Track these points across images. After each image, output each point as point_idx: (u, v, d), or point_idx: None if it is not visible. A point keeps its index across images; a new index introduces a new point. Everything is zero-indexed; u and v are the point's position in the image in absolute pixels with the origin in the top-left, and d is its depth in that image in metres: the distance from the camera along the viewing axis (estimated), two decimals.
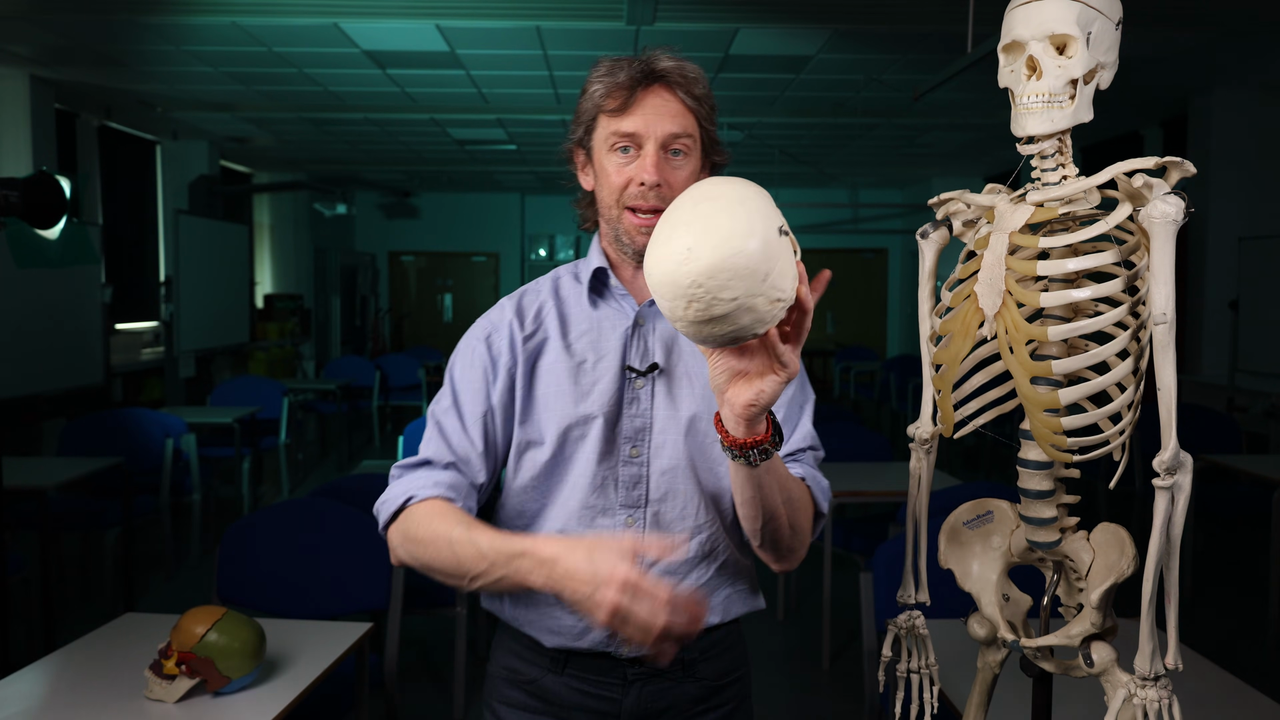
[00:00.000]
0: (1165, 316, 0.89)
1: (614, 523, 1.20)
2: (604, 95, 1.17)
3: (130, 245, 7.79)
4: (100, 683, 1.67)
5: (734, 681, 1.31)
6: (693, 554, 1.22)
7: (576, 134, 1.24)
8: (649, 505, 1.20)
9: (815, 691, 3.38)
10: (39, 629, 3.65)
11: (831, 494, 1.34)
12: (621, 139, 1.17)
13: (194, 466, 4.65)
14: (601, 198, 1.22)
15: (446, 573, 1.11)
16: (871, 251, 12.49)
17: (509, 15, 4.85)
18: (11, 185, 2.55)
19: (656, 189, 1.16)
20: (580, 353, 1.23)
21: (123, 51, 5.57)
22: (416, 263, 12.99)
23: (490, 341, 1.24)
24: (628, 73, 1.17)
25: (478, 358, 1.24)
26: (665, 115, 1.17)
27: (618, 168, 1.18)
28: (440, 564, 1.11)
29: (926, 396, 1.15)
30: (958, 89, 5.96)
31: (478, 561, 1.06)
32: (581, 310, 1.25)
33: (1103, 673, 1.02)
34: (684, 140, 1.18)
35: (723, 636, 1.29)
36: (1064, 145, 1.01)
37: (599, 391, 1.20)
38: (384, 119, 7.49)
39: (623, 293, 1.25)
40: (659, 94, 1.17)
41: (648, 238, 1.14)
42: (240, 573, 2.42)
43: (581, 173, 1.27)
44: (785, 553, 1.22)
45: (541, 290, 1.29)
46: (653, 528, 1.20)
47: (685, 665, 1.24)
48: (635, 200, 1.17)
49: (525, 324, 1.24)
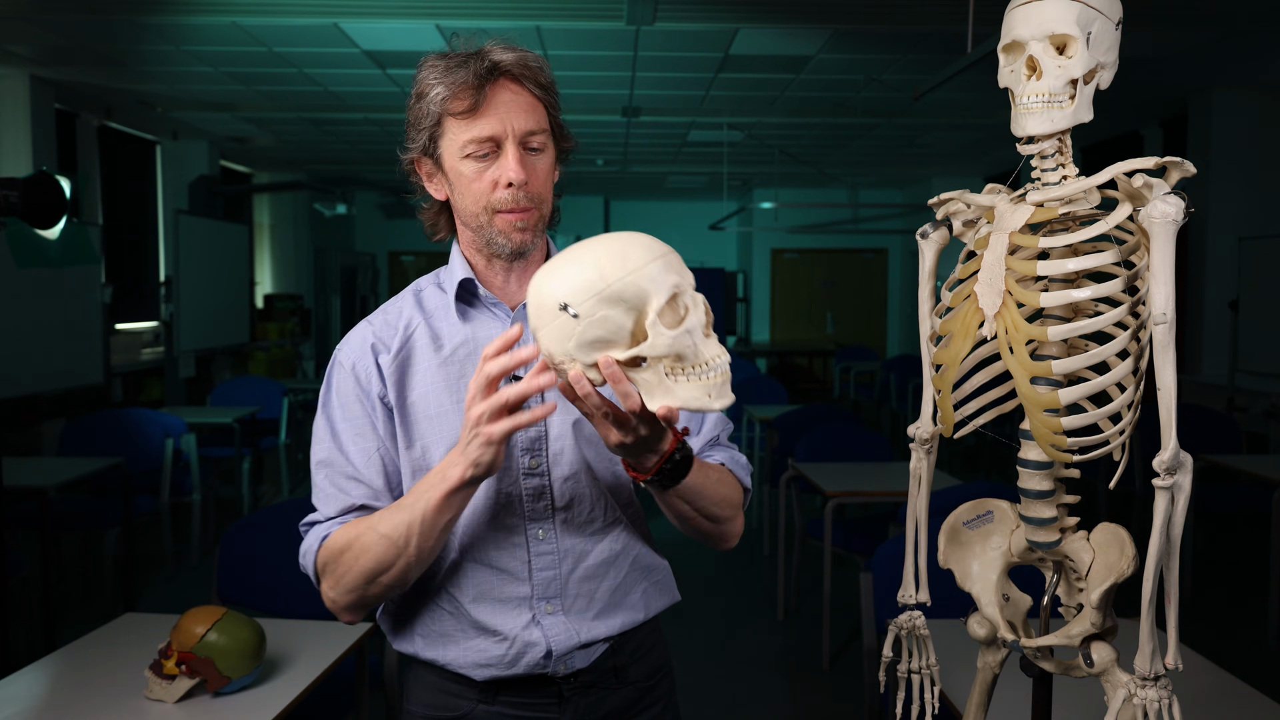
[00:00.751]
0: (1165, 316, 0.89)
1: (525, 539, 1.16)
2: (448, 97, 1.08)
3: (130, 245, 7.79)
4: (100, 683, 1.67)
5: (661, 679, 1.30)
6: (606, 554, 1.20)
7: (418, 142, 1.13)
8: (556, 514, 1.17)
9: (815, 691, 3.38)
10: (39, 629, 3.65)
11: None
12: (477, 144, 1.09)
13: (194, 466, 4.65)
14: (464, 206, 1.13)
15: (380, 562, 1.07)
16: (871, 251, 12.49)
17: (509, 15, 4.85)
18: (11, 185, 2.55)
19: (525, 186, 1.10)
20: (457, 366, 1.16)
21: (123, 51, 5.57)
22: (416, 263, 12.99)
23: (356, 371, 1.17)
24: (470, 69, 1.08)
25: (349, 390, 1.17)
26: (518, 111, 1.10)
27: (477, 173, 1.10)
28: (370, 558, 1.07)
29: (926, 396, 1.15)
30: (958, 89, 5.96)
31: (400, 517, 1.06)
32: (450, 323, 1.18)
33: (1103, 673, 1.02)
34: (539, 136, 1.12)
35: (646, 635, 1.27)
36: (1064, 145, 1.01)
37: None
38: (384, 119, 7.49)
39: (493, 300, 1.19)
40: (507, 88, 1.10)
41: (524, 233, 1.13)
42: (240, 573, 2.42)
43: (429, 183, 1.17)
44: (721, 538, 1.25)
45: (403, 306, 1.21)
46: (565, 535, 1.17)
47: (616, 671, 1.23)
48: (504, 203, 1.11)
49: (390, 345, 1.17)
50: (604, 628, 1.20)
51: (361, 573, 1.09)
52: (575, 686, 1.20)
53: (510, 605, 1.16)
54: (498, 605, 1.16)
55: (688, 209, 12.87)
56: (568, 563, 1.18)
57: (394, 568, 1.07)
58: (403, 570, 1.08)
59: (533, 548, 1.16)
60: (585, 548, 1.19)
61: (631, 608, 1.23)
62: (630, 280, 0.90)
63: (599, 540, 1.19)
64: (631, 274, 0.91)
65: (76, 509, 4.06)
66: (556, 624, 1.17)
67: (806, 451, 3.99)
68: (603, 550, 1.20)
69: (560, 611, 1.17)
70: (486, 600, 1.16)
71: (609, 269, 0.91)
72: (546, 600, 1.17)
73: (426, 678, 1.23)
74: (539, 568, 1.17)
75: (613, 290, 0.90)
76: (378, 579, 1.09)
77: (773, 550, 4.77)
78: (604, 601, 1.20)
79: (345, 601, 1.12)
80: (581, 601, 1.19)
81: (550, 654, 1.16)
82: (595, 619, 1.19)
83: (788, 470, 3.96)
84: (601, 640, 1.20)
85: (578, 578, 1.18)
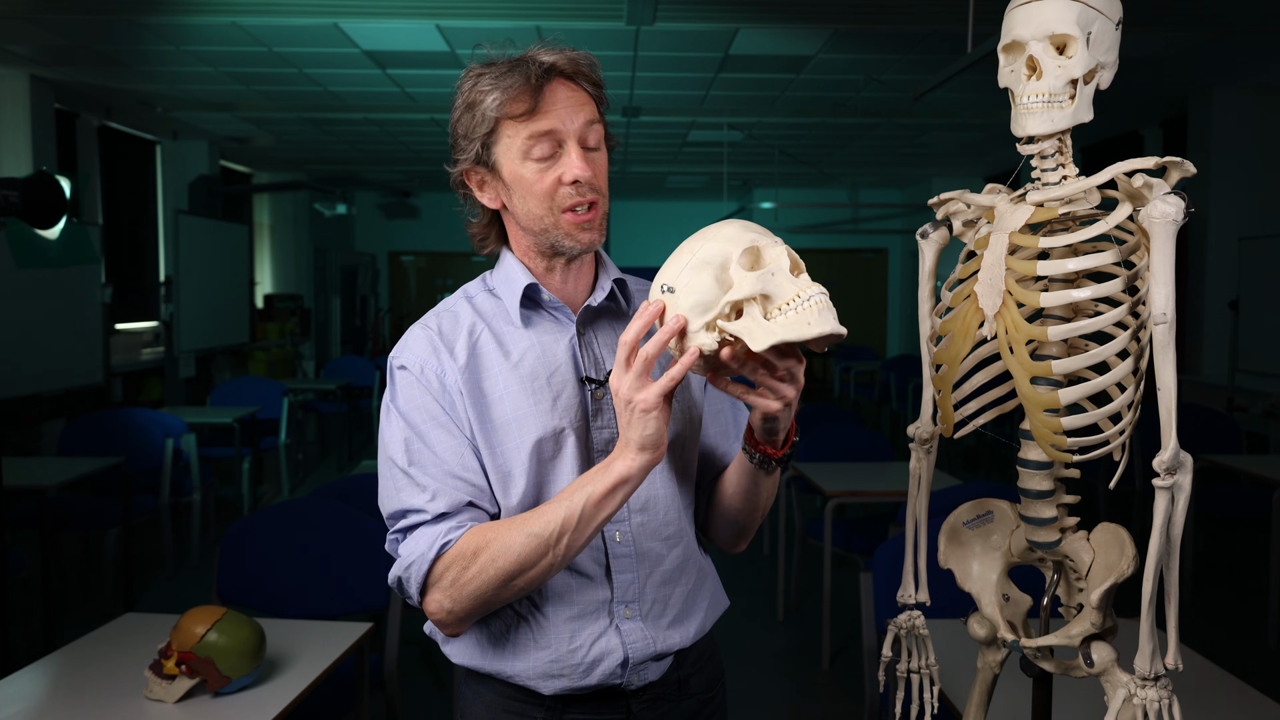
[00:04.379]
0: (1165, 316, 0.89)
1: (603, 541, 1.15)
2: (505, 101, 1.07)
3: (130, 245, 7.79)
4: (100, 683, 1.67)
5: (719, 690, 1.30)
6: (679, 560, 1.20)
7: (469, 152, 1.12)
8: (632, 517, 1.16)
9: (815, 691, 3.38)
10: (39, 629, 3.65)
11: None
12: (539, 140, 1.08)
13: (194, 466, 4.65)
14: (527, 209, 1.12)
15: (523, 561, 1.02)
16: (871, 251, 12.49)
17: (509, 15, 4.85)
18: (11, 185, 2.55)
19: (590, 182, 1.10)
20: (528, 370, 1.13)
21: (123, 51, 5.57)
22: (416, 263, 13.00)
23: (427, 374, 1.12)
24: (523, 73, 1.08)
25: (422, 394, 1.12)
26: (576, 107, 1.10)
27: (539, 173, 1.09)
28: (510, 558, 1.02)
29: (926, 396, 1.15)
30: (958, 89, 5.96)
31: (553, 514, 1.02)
32: (512, 328, 1.16)
33: (1103, 673, 1.02)
34: (597, 129, 1.12)
35: (706, 646, 1.27)
36: (1064, 145, 1.01)
37: (563, 405, 1.13)
38: (384, 119, 7.49)
39: (557, 304, 1.17)
40: (564, 87, 1.10)
41: (589, 233, 1.12)
42: (240, 573, 2.42)
43: (480, 192, 1.15)
44: (746, 536, 1.29)
45: (460, 313, 1.17)
46: (641, 539, 1.16)
47: (680, 684, 1.22)
48: (571, 200, 1.10)
49: (454, 347, 1.13)
50: (678, 637, 1.19)
51: (499, 574, 1.03)
52: (644, 701, 1.18)
53: (589, 610, 1.14)
54: (577, 609, 1.14)
55: (688, 209, 12.87)
56: (645, 567, 1.16)
57: (536, 567, 1.03)
58: (544, 570, 1.04)
59: (610, 550, 1.15)
60: (661, 552, 1.18)
61: (699, 616, 1.22)
62: (709, 246, 0.98)
63: (673, 546, 1.19)
64: (709, 241, 0.99)
65: (76, 509, 4.06)
66: (634, 630, 1.15)
67: (807, 451, 3.99)
68: (676, 556, 1.19)
69: (638, 617, 1.16)
70: (565, 604, 1.14)
71: (694, 245, 0.99)
72: (625, 604, 1.15)
73: (487, 696, 1.18)
74: (618, 570, 1.15)
75: (696, 259, 0.98)
76: (513, 582, 1.04)
77: (773, 550, 4.77)
78: (677, 609, 1.19)
79: (465, 610, 1.06)
80: (658, 607, 1.18)
81: (627, 662, 1.14)
82: (670, 627, 1.18)
83: (788, 470, 3.95)
84: (674, 651, 1.19)
85: (654, 583, 1.17)
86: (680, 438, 1.21)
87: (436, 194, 12.57)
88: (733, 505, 1.22)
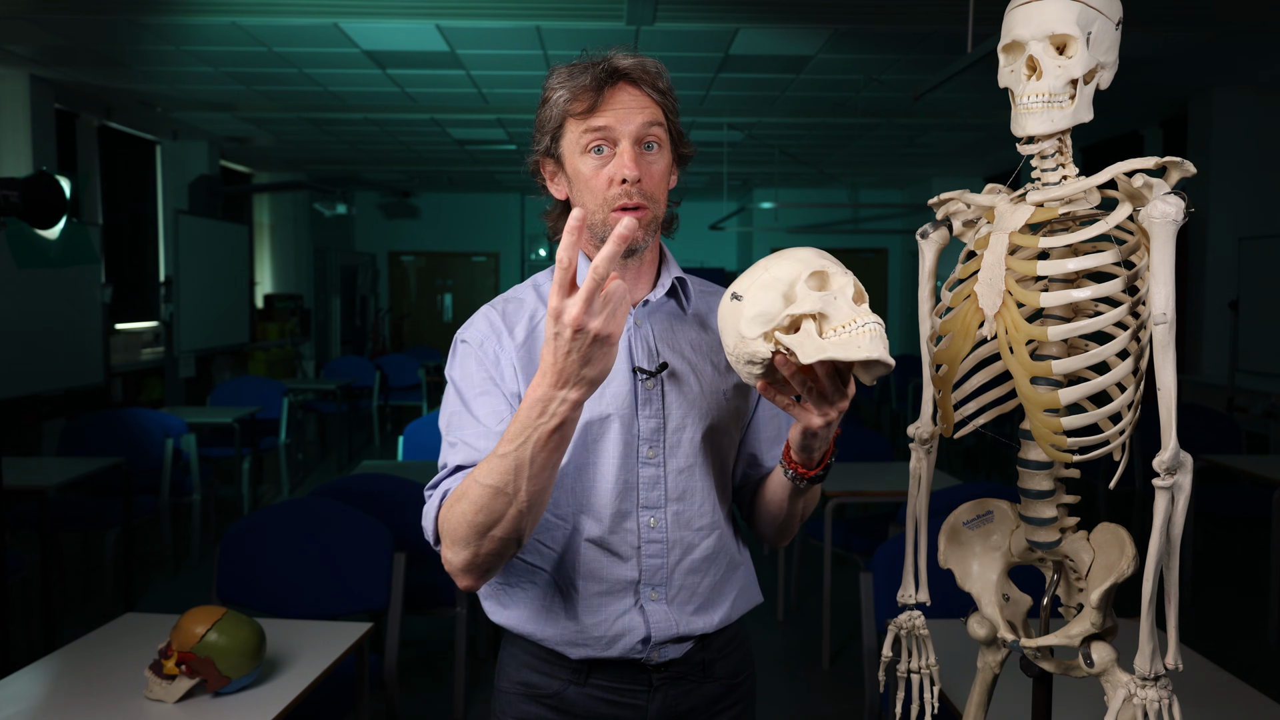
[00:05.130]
0: (1165, 316, 0.89)
1: (637, 524, 1.19)
2: (570, 99, 1.15)
3: (130, 245, 7.79)
4: (100, 683, 1.67)
5: (745, 679, 1.33)
6: (710, 550, 1.23)
7: (543, 144, 1.20)
8: (669, 505, 1.20)
9: (815, 691, 3.38)
10: (39, 629, 3.65)
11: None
12: (595, 136, 1.14)
13: (194, 466, 4.65)
14: (583, 203, 1.17)
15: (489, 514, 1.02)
16: (871, 251, 12.49)
17: (509, 15, 4.85)
18: (11, 185, 2.55)
19: (638, 184, 1.14)
20: None
21: (123, 51, 5.57)
22: (416, 263, 12.99)
23: (484, 349, 1.19)
24: (591, 74, 1.14)
25: (476, 365, 1.19)
26: (634, 109, 1.15)
27: (594, 169, 1.15)
28: (476, 510, 1.02)
29: (926, 396, 1.15)
30: (958, 89, 5.96)
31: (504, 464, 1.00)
32: None
33: (1103, 673, 1.02)
34: (655, 130, 1.16)
35: (734, 634, 1.31)
36: (1064, 145, 1.01)
37: (612, 393, 1.18)
38: (384, 119, 7.49)
39: None
40: (626, 90, 1.16)
41: (637, 232, 1.16)
42: (240, 573, 2.42)
43: (552, 183, 1.23)
44: (787, 535, 1.32)
45: (525, 299, 1.24)
46: (675, 526, 1.21)
47: (704, 666, 1.26)
48: (620, 199, 1.14)
49: (514, 330, 1.20)
50: (701, 623, 1.23)
51: (470, 526, 1.03)
52: (665, 677, 1.23)
53: (617, 588, 1.19)
54: (605, 585, 1.19)
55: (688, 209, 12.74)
56: (675, 553, 1.21)
57: (505, 518, 1.02)
58: (515, 520, 1.02)
59: (644, 534, 1.19)
60: (693, 540, 1.22)
61: (725, 606, 1.26)
62: (782, 264, 1.02)
63: (705, 536, 1.23)
64: (784, 259, 1.02)
65: (76, 509, 4.06)
66: (658, 611, 1.20)
67: None
68: (708, 546, 1.23)
69: (664, 600, 1.20)
70: (595, 579, 1.19)
71: (769, 261, 1.03)
72: (652, 587, 1.20)
73: (520, 656, 1.25)
74: (648, 554, 1.19)
75: (769, 274, 1.01)
76: (489, 533, 1.03)
77: (773, 550, 4.77)
78: (704, 597, 1.24)
79: (460, 561, 1.06)
80: (685, 594, 1.22)
81: (649, 639, 1.19)
82: (694, 614, 1.22)
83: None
84: (696, 636, 1.23)
85: (683, 569, 1.21)
86: (724, 433, 1.25)
87: (436, 194, 12.57)
88: (772, 509, 1.26)
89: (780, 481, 1.22)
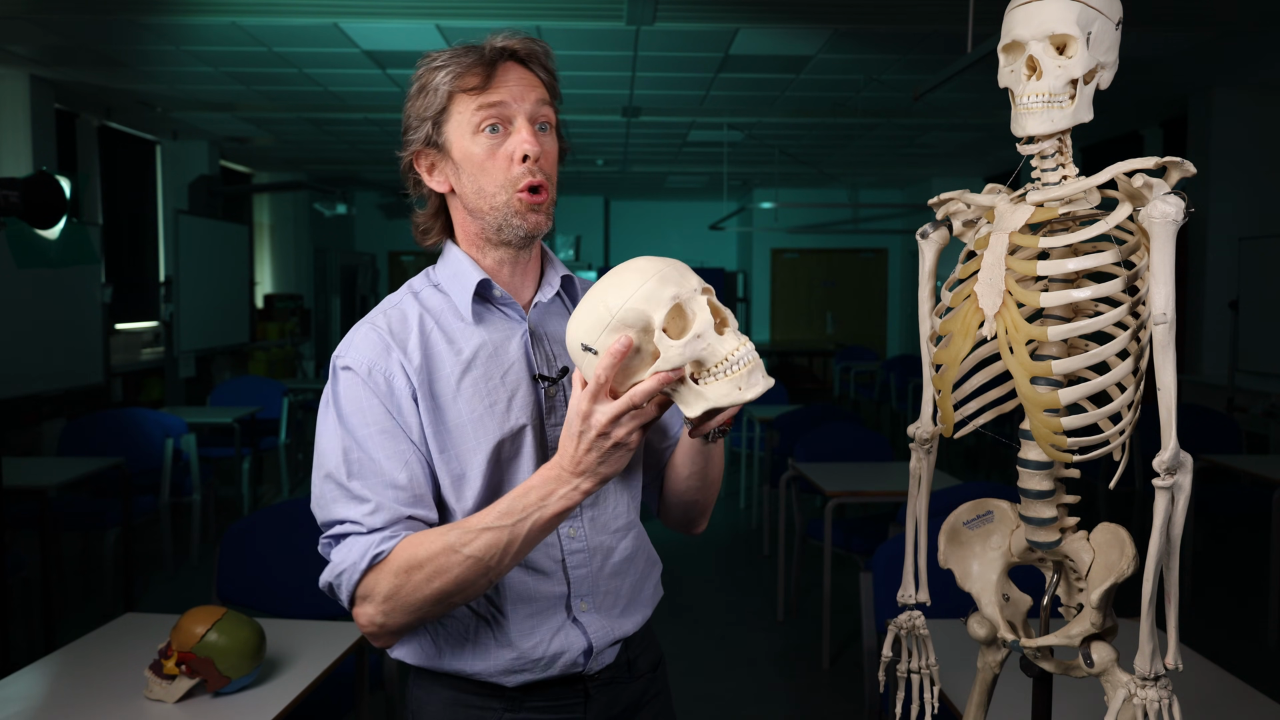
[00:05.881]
0: (1165, 316, 0.89)
1: (557, 537, 1.16)
2: (457, 76, 1.08)
3: (130, 245, 7.79)
4: (100, 683, 1.67)
5: (662, 670, 1.33)
6: (628, 551, 1.22)
7: (422, 132, 1.11)
8: (584, 512, 1.18)
9: (815, 691, 3.38)
10: (39, 629, 3.65)
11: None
12: (489, 114, 1.08)
13: (194, 466, 4.65)
14: (478, 187, 1.10)
15: (461, 583, 1.01)
16: (871, 251, 12.49)
17: (509, 15, 4.85)
18: (11, 185, 2.55)
19: (539, 161, 1.10)
20: (481, 370, 1.12)
21: (123, 51, 5.57)
22: (416, 263, 12.98)
23: (374, 376, 1.08)
24: (477, 53, 1.09)
25: (366, 396, 1.08)
26: (528, 88, 1.10)
27: (489, 150, 1.08)
28: (448, 579, 1.00)
29: (926, 396, 1.15)
30: (958, 89, 5.96)
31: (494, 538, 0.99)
32: (461, 325, 1.14)
33: (1103, 673, 1.02)
34: (547, 111, 1.12)
35: (646, 630, 1.30)
36: (1064, 145, 1.01)
37: (518, 404, 1.13)
38: (384, 119, 7.49)
39: (508, 300, 1.16)
40: (516, 69, 1.11)
41: (538, 214, 1.11)
42: (240, 573, 2.42)
43: (430, 176, 1.14)
44: (704, 515, 1.31)
45: (406, 308, 1.15)
46: (593, 533, 1.18)
47: (629, 665, 1.25)
48: (525, 178, 1.09)
49: (405, 345, 1.10)
50: (629, 624, 1.22)
51: (435, 594, 1.01)
52: (598, 683, 1.21)
53: (547, 606, 1.16)
54: (535, 607, 1.15)
55: (688, 209, 12.86)
56: (597, 559, 1.18)
57: (475, 586, 1.02)
58: (483, 588, 1.03)
59: (565, 546, 1.16)
60: (611, 544, 1.20)
61: (646, 603, 1.26)
62: (629, 306, 0.94)
63: (622, 537, 1.21)
64: (629, 299, 0.94)
65: (76, 509, 4.06)
66: (593, 621, 1.18)
67: (806, 451, 3.99)
68: (625, 548, 1.21)
69: (594, 609, 1.19)
70: (524, 603, 1.14)
71: (612, 300, 0.95)
72: (581, 598, 1.18)
73: (443, 693, 1.17)
74: (573, 565, 1.17)
75: (616, 320, 0.94)
76: (451, 599, 1.03)
77: (773, 550, 4.77)
78: (628, 598, 1.23)
79: (397, 624, 1.04)
80: (610, 598, 1.20)
81: (590, 650, 1.17)
82: (621, 615, 1.22)
83: (788, 470, 3.96)
84: (626, 637, 1.23)
85: (606, 574, 1.19)
86: None
87: None
88: (686, 486, 1.24)
89: (690, 451, 1.20)
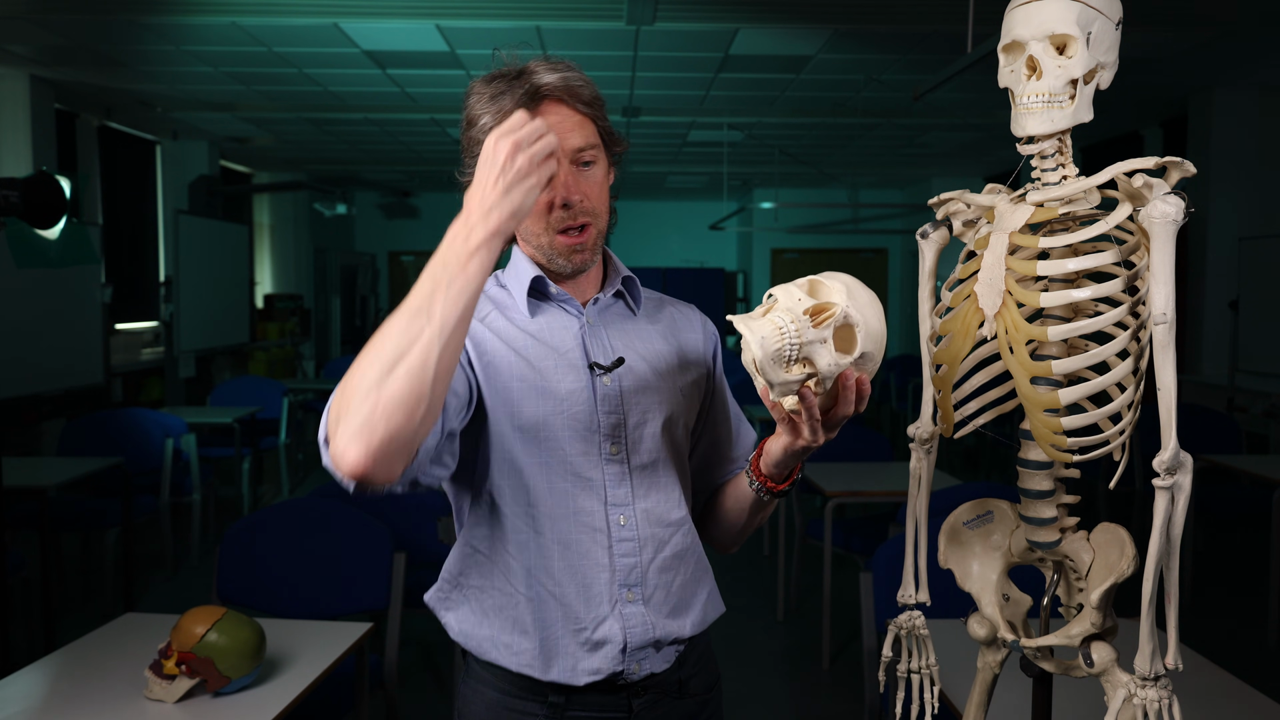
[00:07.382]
0: (1165, 316, 0.89)
1: (605, 523, 1.17)
2: (495, 125, 1.10)
3: (130, 245, 7.78)
4: (100, 683, 1.67)
5: (716, 692, 1.32)
6: (679, 547, 1.22)
7: (473, 167, 1.11)
8: (636, 502, 1.19)
9: (815, 691, 3.38)
10: (39, 629, 3.65)
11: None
12: None
13: (194, 466, 4.65)
14: (525, 228, 1.17)
15: (400, 341, 0.90)
16: (871, 251, 12.48)
17: (509, 15, 4.85)
18: (11, 185, 2.55)
19: (580, 204, 1.14)
20: (536, 352, 1.17)
21: (123, 51, 5.57)
22: (416, 263, 12.98)
23: None
24: (513, 97, 1.11)
25: None
26: (565, 131, 1.12)
27: None
28: (389, 341, 0.90)
29: (926, 396, 1.15)
30: (958, 89, 5.96)
31: (423, 286, 0.93)
32: (521, 315, 1.20)
33: (1103, 673, 1.02)
34: (589, 151, 1.14)
35: (704, 647, 1.29)
36: (1064, 145, 1.01)
37: (567, 389, 1.16)
38: (384, 119, 7.48)
39: (565, 297, 1.21)
40: (553, 110, 1.12)
41: (584, 254, 1.16)
42: (240, 573, 2.42)
43: None
44: (739, 542, 1.34)
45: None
46: (644, 524, 1.19)
47: (680, 684, 1.24)
48: (564, 222, 1.14)
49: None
50: (676, 626, 1.21)
51: (379, 365, 0.89)
52: (643, 699, 1.20)
53: (593, 589, 1.16)
54: (581, 589, 1.16)
55: (688, 209, 12.86)
56: (648, 551, 1.19)
57: (416, 345, 0.90)
58: (424, 351, 0.89)
59: (614, 534, 1.17)
60: (663, 537, 1.20)
61: (698, 609, 1.25)
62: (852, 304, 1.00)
63: (674, 532, 1.21)
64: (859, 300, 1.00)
65: (76, 509, 4.06)
66: (635, 614, 1.17)
67: None
68: (677, 543, 1.21)
69: (640, 601, 1.18)
70: (570, 584, 1.16)
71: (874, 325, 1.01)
72: (628, 588, 1.17)
73: (487, 694, 1.20)
74: (620, 554, 1.17)
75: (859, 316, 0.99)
76: (395, 369, 0.89)
77: (773, 550, 4.77)
78: (678, 597, 1.22)
79: (354, 426, 0.89)
80: (660, 593, 1.20)
81: (626, 648, 1.16)
82: (669, 616, 1.20)
83: None
84: (672, 641, 1.21)
85: (656, 567, 1.19)
86: (682, 429, 1.25)
87: (436, 194, 12.57)
88: (730, 517, 1.28)
89: (744, 493, 1.22)
